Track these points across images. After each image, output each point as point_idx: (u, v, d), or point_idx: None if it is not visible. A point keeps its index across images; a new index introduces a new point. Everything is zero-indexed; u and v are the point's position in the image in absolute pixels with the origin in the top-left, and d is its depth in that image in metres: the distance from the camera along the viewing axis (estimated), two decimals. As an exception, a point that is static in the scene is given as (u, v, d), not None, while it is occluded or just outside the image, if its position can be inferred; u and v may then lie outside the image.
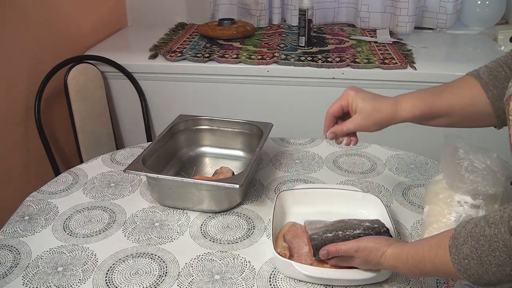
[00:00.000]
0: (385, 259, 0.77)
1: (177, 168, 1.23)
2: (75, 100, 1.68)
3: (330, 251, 0.83)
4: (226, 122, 1.27)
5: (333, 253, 0.83)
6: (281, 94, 1.77)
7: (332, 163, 1.26)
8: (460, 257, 0.63)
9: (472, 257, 0.62)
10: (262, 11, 2.17)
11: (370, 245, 0.79)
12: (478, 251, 0.61)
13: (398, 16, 2.06)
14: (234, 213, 1.05)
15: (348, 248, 0.81)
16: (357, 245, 0.81)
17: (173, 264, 0.90)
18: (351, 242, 0.82)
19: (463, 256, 0.63)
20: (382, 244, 0.78)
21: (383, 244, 0.78)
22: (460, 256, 0.63)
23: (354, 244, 0.81)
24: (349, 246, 0.82)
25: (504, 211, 0.60)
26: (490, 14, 2.20)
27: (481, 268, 0.61)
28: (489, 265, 0.60)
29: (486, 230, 0.61)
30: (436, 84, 1.77)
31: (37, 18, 1.63)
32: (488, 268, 0.61)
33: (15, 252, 0.93)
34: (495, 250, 0.59)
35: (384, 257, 0.77)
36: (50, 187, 1.15)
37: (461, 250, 0.63)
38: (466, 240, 0.63)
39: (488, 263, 0.60)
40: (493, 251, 0.60)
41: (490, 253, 0.60)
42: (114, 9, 2.27)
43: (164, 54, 1.81)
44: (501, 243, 0.59)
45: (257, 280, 0.86)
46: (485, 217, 0.63)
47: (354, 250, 0.81)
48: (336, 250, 0.83)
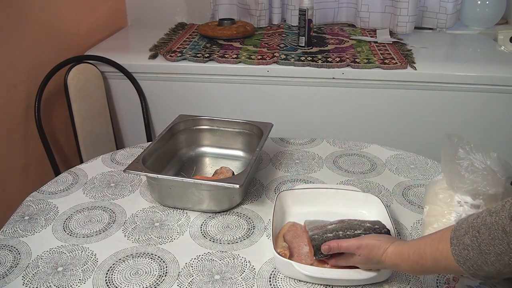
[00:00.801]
0: (386, 257, 0.77)
1: (177, 168, 1.23)
2: (75, 100, 1.68)
3: (331, 246, 0.83)
4: (226, 122, 1.27)
5: (335, 249, 0.83)
6: (281, 94, 1.77)
7: (332, 163, 1.26)
8: (461, 247, 0.64)
9: (472, 246, 0.63)
10: (262, 11, 2.17)
11: (372, 243, 0.79)
12: (478, 240, 0.62)
13: (398, 16, 2.06)
14: (234, 213, 1.05)
15: (349, 245, 0.82)
16: (358, 243, 0.81)
17: (173, 264, 0.90)
18: (352, 240, 0.83)
19: (463, 246, 0.64)
20: (384, 241, 0.79)
21: (384, 241, 0.79)
22: (461, 247, 0.64)
23: (356, 242, 0.81)
24: (350, 243, 0.82)
25: (506, 202, 0.61)
26: (490, 14, 2.20)
27: (480, 258, 0.62)
28: (488, 254, 0.61)
29: (487, 219, 0.62)
30: (436, 84, 1.79)
31: (37, 18, 1.63)
32: (487, 258, 0.61)
33: (15, 252, 0.93)
34: (495, 238, 0.60)
35: (385, 254, 0.77)
36: (50, 187, 1.15)
37: (462, 241, 0.64)
38: (468, 230, 0.64)
39: (488, 252, 0.61)
40: (492, 239, 0.60)
41: (489, 242, 0.61)
42: (114, 9, 2.27)
43: (164, 54, 1.81)
44: (501, 229, 0.59)
45: (257, 280, 0.86)
46: (487, 209, 0.64)
47: (355, 247, 0.81)
48: (337, 246, 0.83)
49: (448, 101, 1.71)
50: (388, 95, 1.73)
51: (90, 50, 1.90)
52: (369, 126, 1.79)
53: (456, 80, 1.68)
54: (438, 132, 1.75)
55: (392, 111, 1.75)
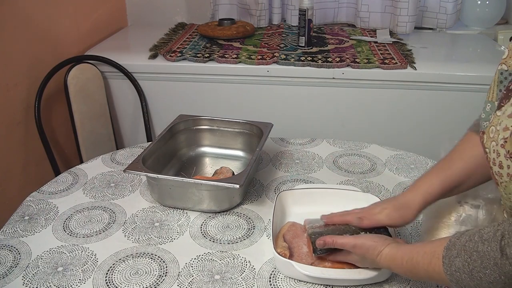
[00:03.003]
0: (381, 259, 0.77)
1: (177, 168, 1.23)
2: (75, 100, 1.68)
3: (326, 241, 0.83)
4: (226, 122, 1.27)
5: (329, 243, 0.83)
6: (281, 94, 1.77)
7: (332, 163, 1.26)
8: (452, 269, 0.64)
9: (464, 271, 0.62)
10: (262, 11, 2.17)
11: (367, 243, 0.79)
12: (470, 266, 0.61)
13: (398, 16, 2.06)
14: (234, 213, 1.05)
15: (345, 242, 0.82)
16: (354, 242, 0.81)
17: (173, 264, 0.90)
18: (349, 238, 0.83)
19: (455, 268, 0.63)
20: (380, 243, 0.79)
21: (380, 243, 0.79)
22: (452, 269, 0.63)
23: (351, 240, 0.82)
24: (346, 241, 0.82)
25: (498, 229, 0.60)
26: (490, 14, 2.20)
27: (472, 282, 0.61)
28: (480, 281, 0.61)
29: (479, 246, 0.61)
30: (436, 84, 1.79)
31: (37, 17, 1.63)
32: (479, 284, 0.61)
33: (15, 252, 0.93)
34: (486, 267, 0.59)
35: (380, 256, 0.77)
36: (50, 187, 1.15)
37: (453, 263, 0.63)
38: (460, 253, 0.63)
39: (479, 278, 0.60)
40: (484, 268, 0.60)
41: (481, 270, 0.60)
42: (114, 9, 2.27)
43: (164, 54, 1.81)
44: (492, 261, 0.59)
45: (257, 280, 0.86)
46: (479, 232, 0.63)
47: (351, 245, 0.81)
48: (332, 242, 0.83)
49: (448, 101, 1.71)
50: (388, 95, 1.73)
51: (90, 50, 1.89)
52: (369, 126, 1.79)
53: (456, 80, 1.68)
54: (438, 132, 1.75)
55: (392, 111, 1.75)
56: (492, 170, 0.66)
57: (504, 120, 0.64)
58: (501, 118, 0.65)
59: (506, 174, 0.63)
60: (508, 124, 0.63)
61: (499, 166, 0.64)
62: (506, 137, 0.62)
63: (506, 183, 0.63)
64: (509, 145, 0.61)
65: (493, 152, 0.65)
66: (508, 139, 0.61)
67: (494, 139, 0.65)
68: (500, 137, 0.63)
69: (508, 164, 0.62)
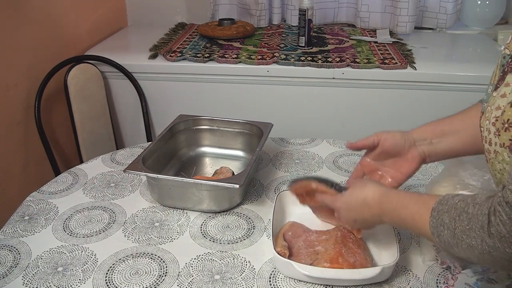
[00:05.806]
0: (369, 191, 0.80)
1: (177, 168, 1.23)
2: (75, 100, 1.68)
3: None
4: (226, 122, 1.27)
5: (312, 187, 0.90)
6: (281, 94, 1.77)
7: (332, 163, 1.26)
8: (438, 222, 0.65)
9: (448, 226, 0.64)
10: (262, 11, 2.17)
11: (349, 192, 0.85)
12: (456, 223, 0.63)
13: (398, 16, 2.06)
14: (234, 213, 1.05)
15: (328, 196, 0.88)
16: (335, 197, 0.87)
17: (173, 264, 0.90)
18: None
19: (440, 222, 0.65)
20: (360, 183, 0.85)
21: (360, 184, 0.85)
22: (438, 222, 0.65)
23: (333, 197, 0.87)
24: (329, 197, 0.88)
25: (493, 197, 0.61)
26: (490, 14, 2.20)
27: (452, 240, 0.63)
28: (460, 241, 0.62)
29: (470, 209, 0.62)
30: (436, 84, 1.78)
31: (37, 18, 1.63)
32: (458, 243, 0.62)
33: (15, 252, 0.93)
34: (471, 230, 0.61)
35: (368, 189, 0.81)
36: (50, 187, 1.15)
37: (441, 217, 0.65)
38: (450, 209, 0.65)
39: (461, 239, 0.62)
40: (469, 229, 0.61)
41: (465, 231, 0.61)
42: (114, 9, 2.27)
43: (164, 54, 1.81)
44: (479, 225, 0.60)
45: (257, 280, 0.86)
46: (473, 196, 0.64)
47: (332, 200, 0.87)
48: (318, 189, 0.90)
49: (448, 101, 1.70)
50: (388, 95, 1.73)
51: (90, 50, 1.90)
52: (369, 126, 1.78)
53: (456, 80, 1.68)
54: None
55: (392, 111, 1.75)
56: (484, 147, 0.68)
57: (498, 100, 0.66)
58: (496, 98, 0.67)
59: (493, 151, 0.65)
60: (501, 103, 0.64)
61: (489, 143, 0.66)
62: (498, 116, 0.64)
63: (493, 159, 0.65)
64: (499, 123, 0.63)
65: (485, 131, 0.67)
66: (499, 118, 0.63)
67: (488, 118, 0.67)
68: (493, 116, 0.65)
69: (495, 141, 0.64)
